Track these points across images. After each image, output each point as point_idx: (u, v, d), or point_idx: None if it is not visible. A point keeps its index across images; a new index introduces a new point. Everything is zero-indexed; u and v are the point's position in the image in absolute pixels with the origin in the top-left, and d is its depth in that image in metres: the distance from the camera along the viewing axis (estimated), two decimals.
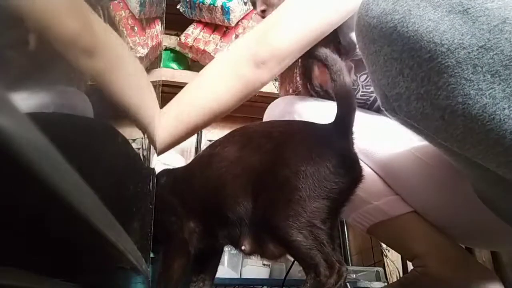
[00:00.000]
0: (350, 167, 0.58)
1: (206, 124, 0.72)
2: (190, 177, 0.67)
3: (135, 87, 0.46)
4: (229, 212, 0.60)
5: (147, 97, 0.57)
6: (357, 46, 0.77)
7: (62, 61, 0.24)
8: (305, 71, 0.84)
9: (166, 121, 0.70)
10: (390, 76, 0.44)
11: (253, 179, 0.59)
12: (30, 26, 0.18)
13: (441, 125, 0.41)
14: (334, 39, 0.75)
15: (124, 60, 0.44)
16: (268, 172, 0.58)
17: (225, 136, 0.69)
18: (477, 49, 0.37)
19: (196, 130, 0.72)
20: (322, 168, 0.56)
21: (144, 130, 0.52)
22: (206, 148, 0.71)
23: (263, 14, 0.93)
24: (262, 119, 0.89)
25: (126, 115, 0.41)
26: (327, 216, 0.54)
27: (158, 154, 0.70)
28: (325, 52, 0.66)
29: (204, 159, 0.69)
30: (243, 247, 0.60)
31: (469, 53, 0.37)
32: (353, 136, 0.61)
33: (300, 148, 0.59)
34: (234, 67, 0.70)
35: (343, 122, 0.61)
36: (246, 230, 0.59)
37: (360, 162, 0.63)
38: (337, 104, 0.62)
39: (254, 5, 0.98)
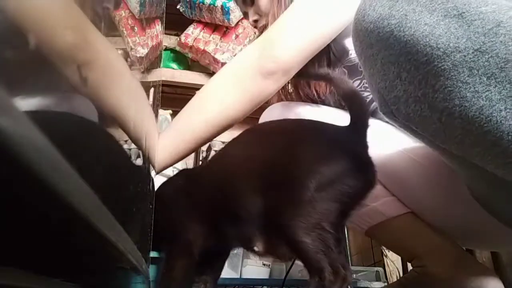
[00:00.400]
0: (364, 171, 0.57)
1: (211, 138, 0.72)
2: (203, 177, 0.67)
3: (131, 101, 0.46)
4: (240, 211, 0.59)
5: (144, 111, 0.57)
6: (349, 52, 0.78)
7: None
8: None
9: (168, 138, 0.70)
10: (387, 79, 0.44)
11: (264, 177, 0.58)
12: (27, 34, 0.18)
13: (439, 128, 0.42)
14: (327, 47, 0.76)
15: (121, 75, 0.44)
16: (280, 169, 0.57)
17: (238, 135, 0.69)
18: (472, 52, 0.37)
19: (201, 145, 0.72)
20: (336, 170, 0.55)
21: (141, 144, 0.52)
22: (221, 148, 0.71)
23: (256, 24, 0.94)
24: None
25: (123, 129, 0.41)
26: (336, 219, 0.54)
27: (158, 172, 0.70)
28: (325, 70, 0.68)
29: (217, 159, 0.69)
30: (256, 248, 0.59)
31: (464, 56, 0.37)
32: (367, 140, 0.60)
33: (314, 148, 0.58)
34: (240, 80, 0.70)
35: (358, 126, 0.61)
36: (257, 230, 0.59)
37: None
38: (349, 110, 0.62)
39: (245, 15, 0.98)
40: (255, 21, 0.93)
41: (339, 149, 0.58)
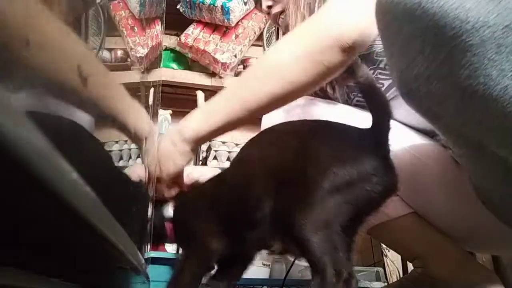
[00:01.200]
0: (384, 176, 0.55)
1: (263, 113, 0.68)
2: (221, 180, 0.66)
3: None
4: (256, 212, 0.57)
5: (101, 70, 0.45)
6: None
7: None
8: None
9: (224, 103, 0.66)
10: (409, 56, 0.42)
11: (279, 177, 0.57)
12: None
13: (461, 107, 0.40)
14: None
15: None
16: (295, 169, 0.56)
17: (255, 136, 0.67)
18: (502, 29, 0.36)
19: (257, 115, 0.67)
20: (352, 173, 0.53)
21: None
22: (239, 150, 0.69)
23: (269, 10, 0.89)
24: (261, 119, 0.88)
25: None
26: (348, 223, 0.52)
27: (210, 138, 0.66)
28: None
29: (235, 162, 0.68)
30: (273, 248, 0.58)
31: (493, 32, 0.36)
32: (389, 143, 0.57)
33: (330, 149, 0.57)
34: (314, 52, 0.62)
35: (379, 128, 0.58)
36: (275, 231, 0.57)
37: None
38: (370, 110, 0.59)
39: (257, 2, 0.95)
40: (269, 7, 0.88)
41: (358, 152, 0.56)
